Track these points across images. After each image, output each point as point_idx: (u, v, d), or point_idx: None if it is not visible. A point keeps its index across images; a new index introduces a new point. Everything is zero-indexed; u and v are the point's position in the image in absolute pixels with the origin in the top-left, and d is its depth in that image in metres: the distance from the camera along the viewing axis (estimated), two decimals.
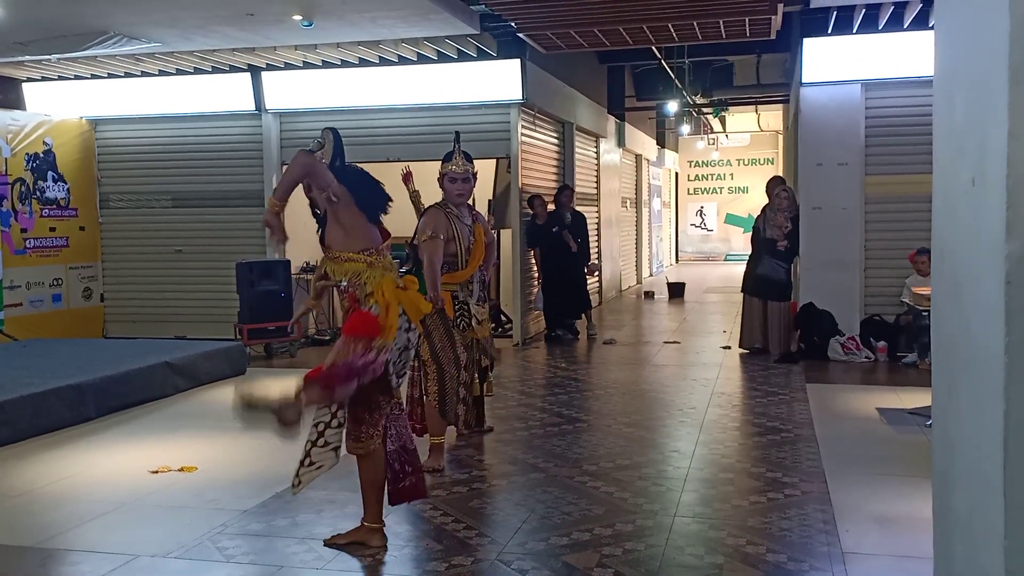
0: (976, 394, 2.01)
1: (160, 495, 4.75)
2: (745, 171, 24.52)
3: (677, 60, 14.00)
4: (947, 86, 2.41)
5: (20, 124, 9.93)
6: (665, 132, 21.49)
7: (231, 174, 10.66)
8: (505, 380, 7.74)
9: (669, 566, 3.67)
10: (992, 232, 1.83)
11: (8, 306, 9.41)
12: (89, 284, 10.85)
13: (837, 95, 8.94)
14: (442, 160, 5.30)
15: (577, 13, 8.07)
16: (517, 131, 9.82)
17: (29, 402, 5.98)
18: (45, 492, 4.85)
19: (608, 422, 6.29)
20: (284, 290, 9.51)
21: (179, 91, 10.41)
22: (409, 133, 10.08)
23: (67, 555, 3.94)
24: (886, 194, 8.84)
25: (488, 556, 3.81)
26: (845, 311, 8.79)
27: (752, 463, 5.19)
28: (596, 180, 13.74)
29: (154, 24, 8.03)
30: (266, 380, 6.26)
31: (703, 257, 24.89)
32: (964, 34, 2.18)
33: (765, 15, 8.21)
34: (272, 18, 7.95)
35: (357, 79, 9.96)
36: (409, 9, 7.75)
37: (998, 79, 1.77)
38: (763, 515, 4.26)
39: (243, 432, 6.05)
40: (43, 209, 10.19)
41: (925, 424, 5.80)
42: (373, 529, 3.93)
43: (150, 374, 7.12)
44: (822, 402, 6.76)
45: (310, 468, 3.80)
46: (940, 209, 2.51)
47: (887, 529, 4.09)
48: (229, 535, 4.11)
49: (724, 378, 7.85)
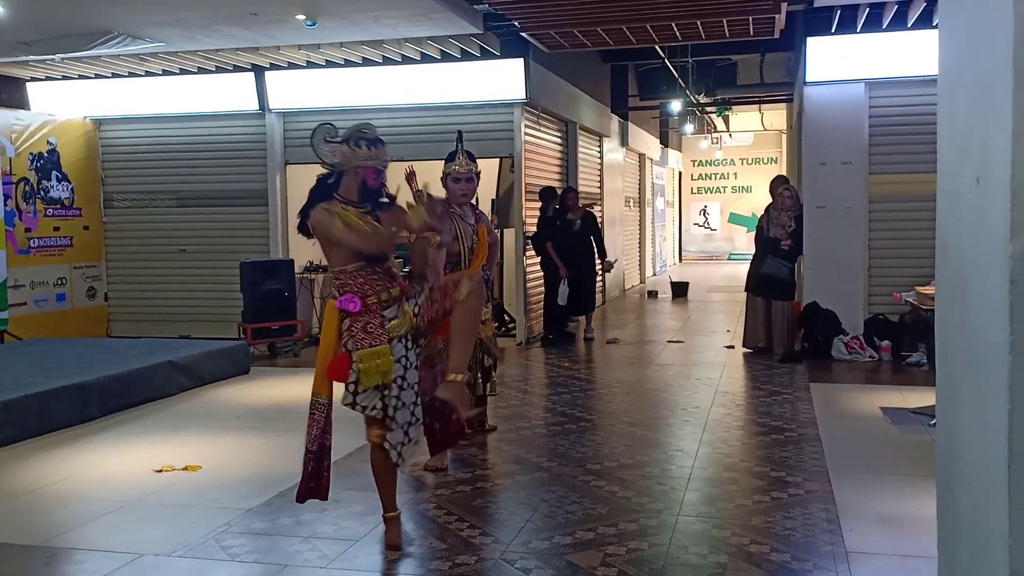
0: (980, 393, 2.01)
1: (164, 494, 4.76)
2: (749, 170, 24.51)
3: (681, 59, 13.98)
4: (951, 86, 2.41)
5: (24, 124, 9.95)
6: (668, 131, 21.48)
7: (235, 174, 10.67)
8: (508, 379, 7.74)
9: (673, 565, 3.67)
10: (996, 231, 1.83)
11: (12, 305, 9.42)
12: (93, 283, 10.88)
13: (841, 94, 8.93)
14: (445, 160, 5.30)
15: (580, 12, 8.06)
16: (520, 130, 9.81)
17: (33, 401, 5.99)
18: (49, 491, 4.86)
19: (612, 421, 6.29)
20: (288, 289, 9.53)
21: (183, 91, 10.42)
22: (412, 132, 10.08)
23: (71, 554, 3.95)
24: (890, 193, 8.83)
25: (492, 555, 3.81)
26: (849, 310, 8.78)
27: (756, 462, 5.19)
28: (599, 179, 13.73)
29: (158, 24, 8.04)
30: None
31: (706, 256, 24.88)
32: (968, 34, 2.18)
33: (769, 14, 8.21)
34: (275, 18, 7.96)
35: (360, 79, 9.97)
36: (412, 8, 7.75)
37: (1002, 80, 1.77)
38: (767, 514, 4.25)
39: (247, 431, 6.08)
40: (47, 209, 10.21)
41: (929, 423, 5.80)
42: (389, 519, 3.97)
43: (154, 373, 7.13)
44: (826, 401, 6.75)
45: (410, 444, 3.86)
46: (944, 209, 2.51)
47: (891, 529, 4.09)
48: (233, 534, 4.12)
49: (728, 377, 7.85)
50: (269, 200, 10.47)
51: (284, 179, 10.51)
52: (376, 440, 3.81)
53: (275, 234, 10.47)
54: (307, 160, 10.54)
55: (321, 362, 3.86)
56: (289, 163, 10.53)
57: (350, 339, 3.74)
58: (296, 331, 9.55)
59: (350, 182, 3.87)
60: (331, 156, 3.86)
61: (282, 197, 10.49)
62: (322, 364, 3.84)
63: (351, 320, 3.76)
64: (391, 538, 3.92)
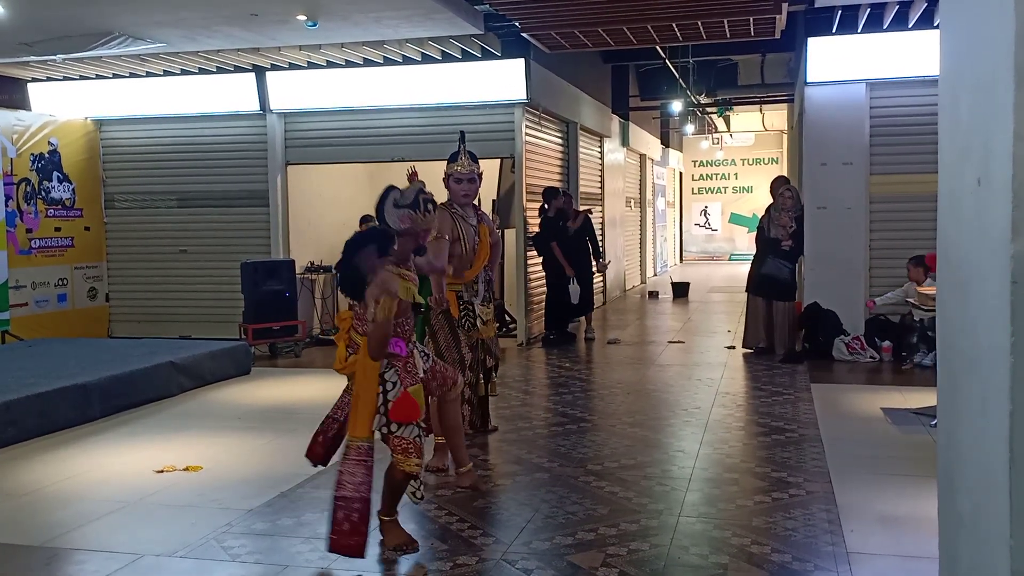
0: (981, 394, 2.01)
1: (165, 494, 4.76)
2: (749, 171, 24.51)
3: (681, 59, 13.98)
4: (952, 86, 2.41)
5: (25, 124, 9.95)
6: (669, 132, 21.48)
7: (236, 174, 10.68)
8: (509, 380, 7.74)
9: (674, 566, 3.67)
10: (998, 232, 1.83)
11: (14, 306, 9.42)
12: (94, 284, 10.88)
13: (842, 94, 8.93)
14: (447, 160, 5.30)
15: (581, 13, 8.07)
16: (521, 131, 9.82)
17: (35, 402, 6.00)
18: (50, 491, 4.86)
19: (612, 422, 6.29)
20: (289, 290, 9.53)
21: (184, 91, 10.43)
22: (414, 133, 10.09)
23: (73, 554, 3.96)
24: (891, 194, 8.83)
25: (493, 556, 3.81)
26: (850, 311, 8.78)
27: (757, 463, 5.19)
28: (600, 180, 13.73)
29: (158, 25, 8.04)
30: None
31: (707, 257, 24.88)
32: (969, 34, 2.18)
33: (769, 14, 8.21)
34: (276, 18, 7.96)
35: (361, 79, 9.97)
36: (413, 9, 7.76)
37: (1004, 80, 1.77)
38: (768, 515, 4.25)
39: (248, 432, 6.09)
40: (48, 209, 10.21)
41: (930, 424, 5.80)
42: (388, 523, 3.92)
43: (155, 374, 7.14)
44: (827, 402, 6.75)
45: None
46: (945, 209, 2.51)
47: (892, 529, 4.09)
48: (234, 534, 4.12)
49: (728, 378, 7.85)
50: (270, 201, 10.48)
51: (285, 180, 10.52)
52: (415, 469, 3.75)
53: (276, 235, 10.47)
54: (308, 161, 10.58)
55: (364, 406, 3.71)
56: (290, 164, 10.54)
57: (406, 376, 3.79)
58: (297, 332, 9.56)
59: (406, 244, 3.89)
60: (399, 223, 3.85)
61: (283, 198, 10.49)
62: (365, 407, 3.71)
63: (395, 360, 3.79)
64: (401, 538, 3.90)
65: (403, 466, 3.73)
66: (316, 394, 7.50)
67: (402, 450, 3.73)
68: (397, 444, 3.74)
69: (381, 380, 3.74)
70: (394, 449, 3.75)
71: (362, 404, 3.72)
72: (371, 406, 3.72)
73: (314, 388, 7.75)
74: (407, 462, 3.72)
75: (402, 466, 3.73)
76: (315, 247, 10.96)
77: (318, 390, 7.67)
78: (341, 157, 10.57)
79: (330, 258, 10.97)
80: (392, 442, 3.75)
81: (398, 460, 3.74)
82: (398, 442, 3.73)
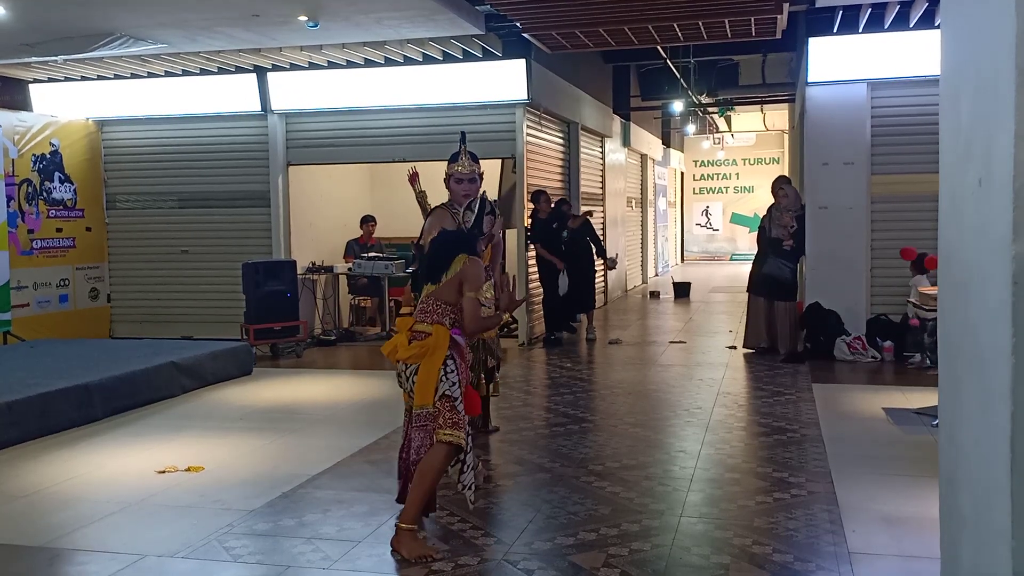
0: (983, 394, 2.01)
1: (167, 495, 4.76)
2: (751, 171, 24.50)
3: (682, 60, 13.98)
4: (954, 87, 2.41)
5: (27, 125, 9.96)
6: (670, 132, 21.47)
7: (237, 175, 10.68)
8: (511, 380, 7.74)
9: (675, 566, 3.67)
10: (999, 233, 1.83)
11: (15, 307, 9.43)
12: (96, 285, 10.89)
13: (843, 94, 8.92)
14: (448, 160, 5.30)
15: (582, 13, 8.07)
16: (522, 131, 9.82)
17: (36, 402, 6.00)
18: (52, 492, 4.87)
19: (614, 422, 6.29)
20: (290, 290, 9.54)
21: (185, 92, 10.43)
22: (415, 133, 10.09)
23: (74, 555, 3.96)
24: (892, 194, 8.82)
25: (494, 556, 3.81)
26: (851, 311, 8.78)
27: (758, 463, 5.19)
28: (601, 180, 13.73)
29: (160, 25, 8.05)
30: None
31: (708, 257, 24.87)
32: (971, 35, 2.18)
33: (770, 14, 8.21)
34: (277, 19, 7.97)
35: (362, 80, 9.97)
36: (414, 10, 7.76)
37: (1005, 80, 1.77)
38: (769, 515, 4.25)
39: (250, 432, 6.09)
40: (50, 210, 10.22)
41: (932, 424, 5.80)
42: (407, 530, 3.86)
43: (157, 374, 7.14)
44: (828, 402, 6.75)
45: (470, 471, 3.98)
46: (947, 210, 2.51)
47: (894, 529, 4.09)
48: (236, 535, 4.12)
49: (730, 378, 7.84)
50: (271, 201, 10.48)
51: (286, 180, 10.52)
52: (461, 442, 3.87)
53: (277, 235, 10.47)
54: (309, 161, 10.59)
55: (429, 382, 3.90)
56: (291, 164, 10.54)
57: (464, 366, 4.03)
58: (298, 332, 9.56)
59: (482, 246, 4.42)
60: (489, 227, 4.49)
61: (284, 198, 10.50)
62: (430, 382, 3.91)
63: (456, 351, 3.95)
64: (422, 550, 3.82)
65: (450, 437, 3.83)
66: (318, 394, 7.51)
67: (452, 423, 3.83)
68: (449, 417, 3.83)
69: (444, 364, 3.92)
70: (444, 423, 3.83)
71: (427, 380, 3.91)
72: (434, 382, 3.89)
73: (316, 389, 7.76)
74: (455, 433, 3.83)
75: (449, 437, 3.83)
76: (316, 247, 10.96)
77: (320, 391, 7.68)
78: (342, 158, 10.58)
79: (331, 259, 10.98)
80: (444, 416, 3.84)
81: (446, 434, 3.82)
82: (451, 416, 3.83)
